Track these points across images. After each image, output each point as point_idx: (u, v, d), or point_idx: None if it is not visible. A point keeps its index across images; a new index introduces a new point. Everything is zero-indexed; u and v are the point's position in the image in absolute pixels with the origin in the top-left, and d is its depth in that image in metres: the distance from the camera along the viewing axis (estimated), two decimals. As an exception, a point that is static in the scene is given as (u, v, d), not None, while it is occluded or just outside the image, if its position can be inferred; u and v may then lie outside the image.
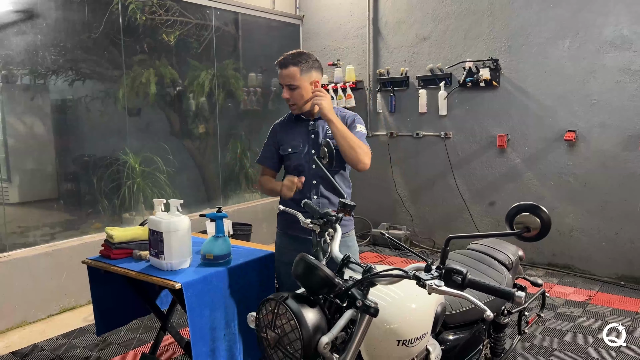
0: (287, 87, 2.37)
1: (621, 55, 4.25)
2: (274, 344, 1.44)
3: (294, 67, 2.34)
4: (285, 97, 2.40)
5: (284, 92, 2.39)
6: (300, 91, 2.36)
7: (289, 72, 2.34)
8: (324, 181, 2.43)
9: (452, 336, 2.01)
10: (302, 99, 2.39)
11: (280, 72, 2.38)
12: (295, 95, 2.37)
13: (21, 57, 3.85)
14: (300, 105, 2.40)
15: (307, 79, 2.36)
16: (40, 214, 4.09)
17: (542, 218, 1.37)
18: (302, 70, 2.35)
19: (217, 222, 2.44)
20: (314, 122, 2.47)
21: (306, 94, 2.38)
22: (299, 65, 2.34)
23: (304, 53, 2.41)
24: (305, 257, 1.48)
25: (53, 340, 3.47)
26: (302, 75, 2.35)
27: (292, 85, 2.35)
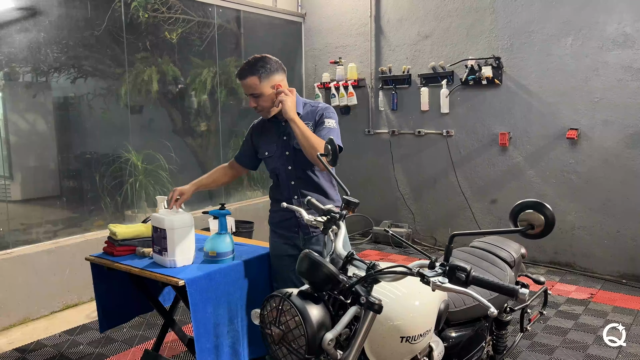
0: (251, 97, 2.38)
1: (624, 53, 4.25)
2: (278, 340, 1.44)
3: (252, 77, 2.32)
4: (253, 106, 2.40)
5: (250, 101, 2.40)
6: (264, 97, 2.36)
7: (248, 82, 2.34)
8: (303, 181, 2.45)
9: (455, 333, 2.02)
10: (268, 104, 2.39)
11: (241, 83, 2.38)
12: (260, 102, 2.37)
13: (24, 55, 3.86)
14: (267, 110, 2.42)
15: (268, 84, 2.35)
16: (42, 211, 4.09)
17: (546, 215, 1.36)
18: (261, 77, 2.33)
19: (220, 219, 2.45)
20: (285, 123, 2.43)
21: (271, 99, 2.37)
22: (257, 73, 2.32)
23: (262, 58, 2.36)
24: (309, 254, 1.48)
25: (56, 337, 3.49)
26: (262, 83, 2.33)
27: (255, 94, 2.36)
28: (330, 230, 1.83)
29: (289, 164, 2.45)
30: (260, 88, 2.33)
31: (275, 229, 2.58)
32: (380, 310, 1.41)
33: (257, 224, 5.01)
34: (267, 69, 2.34)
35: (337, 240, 1.74)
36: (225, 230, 2.45)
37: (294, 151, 2.43)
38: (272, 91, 2.36)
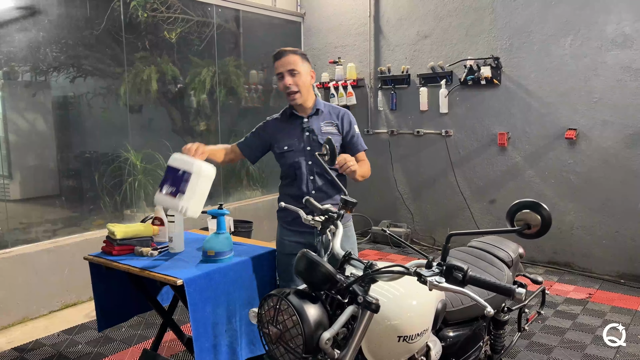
0: (288, 73, 2.40)
1: (623, 53, 4.25)
2: (275, 340, 1.45)
3: (294, 55, 2.41)
4: (288, 83, 2.40)
5: (286, 78, 2.40)
6: (301, 77, 2.41)
7: (290, 58, 2.40)
8: (321, 177, 2.48)
9: (452, 333, 2.02)
10: (303, 87, 2.42)
11: (279, 61, 2.42)
12: (297, 81, 2.40)
13: (23, 54, 3.86)
14: (301, 91, 2.43)
15: (306, 67, 2.44)
16: (42, 211, 4.10)
17: (543, 215, 1.37)
18: (302, 58, 2.43)
19: (219, 218, 2.45)
20: (307, 119, 2.50)
21: (306, 82, 2.43)
22: (298, 53, 2.43)
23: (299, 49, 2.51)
24: (307, 254, 1.49)
25: (55, 336, 3.49)
26: (302, 63, 2.42)
27: (294, 71, 2.40)
28: (328, 230, 1.84)
29: (310, 159, 2.47)
30: (300, 66, 2.41)
31: (288, 226, 2.54)
32: (377, 310, 1.42)
33: (256, 224, 5.01)
34: (305, 55, 2.47)
35: (335, 240, 1.75)
36: (223, 230, 2.45)
37: (317, 145, 2.45)
38: (308, 75, 2.45)
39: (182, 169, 2.18)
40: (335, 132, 2.51)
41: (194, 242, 2.70)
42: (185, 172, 2.17)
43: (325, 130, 2.48)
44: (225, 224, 2.46)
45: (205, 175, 2.21)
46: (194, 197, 2.17)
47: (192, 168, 2.17)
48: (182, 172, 2.18)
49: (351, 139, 2.54)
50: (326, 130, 2.48)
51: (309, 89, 2.49)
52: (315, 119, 2.50)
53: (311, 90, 2.52)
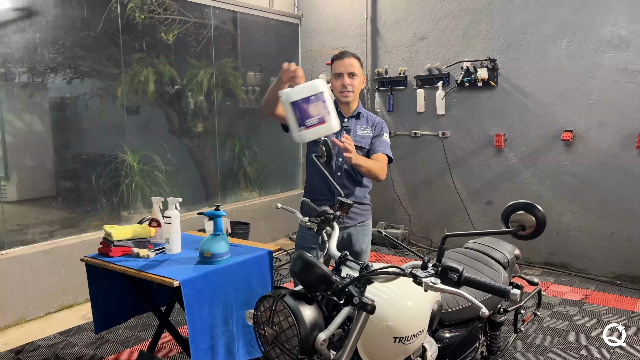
0: (348, 75, 2.60)
1: (619, 55, 4.27)
2: (271, 341, 1.45)
3: (355, 59, 2.63)
4: (347, 83, 2.59)
5: (345, 78, 2.59)
6: (358, 80, 2.62)
7: (352, 61, 2.61)
8: (347, 173, 2.62)
9: (448, 334, 2.03)
10: (357, 88, 2.63)
11: (341, 61, 2.61)
12: (354, 82, 2.61)
13: (20, 55, 3.86)
14: (355, 92, 2.63)
15: (361, 73, 2.66)
16: (38, 212, 4.09)
17: (537, 216, 1.38)
18: (360, 64, 2.65)
19: (216, 220, 2.45)
20: (347, 119, 2.67)
21: (359, 84, 2.65)
22: (358, 59, 2.65)
23: None
24: (302, 255, 1.49)
25: (51, 338, 3.48)
26: (360, 68, 2.65)
27: (353, 74, 2.60)
28: (324, 231, 1.84)
29: (340, 156, 2.59)
30: (359, 70, 2.63)
31: None
32: (373, 311, 1.42)
33: (253, 225, 5.01)
34: (361, 61, 2.68)
35: (331, 241, 1.75)
36: (220, 232, 2.45)
37: None
38: (362, 79, 2.66)
39: (311, 95, 2.14)
40: (369, 136, 2.68)
41: (190, 244, 2.70)
42: (315, 95, 2.14)
43: (360, 133, 2.65)
44: (222, 225, 2.46)
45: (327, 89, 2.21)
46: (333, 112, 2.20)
47: (319, 89, 2.15)
48: (314, 97, 2.14)
49: (375, 141, 2.67)
50: (361, 134, 2.65)
51: (359, 91, 2.68)
52: (354, 121, 2.67)
53: (358, 95, 2.69)
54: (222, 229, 2.47)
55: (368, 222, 2.75)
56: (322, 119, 2.15)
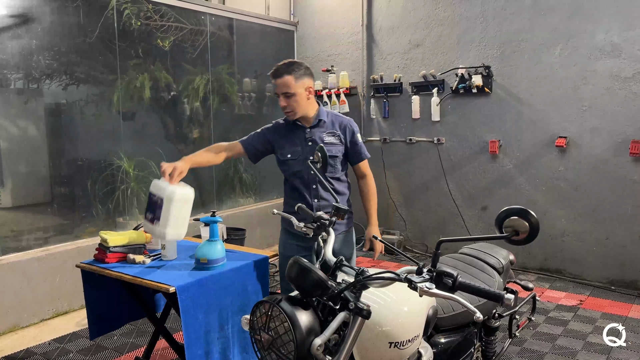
0: (283, 96, 2.46)
1: (612, 61, 4.31)
2: (267, 346, 1.46)
3: (288, 76, 2.43)
4: (283, 105, 2.47)
5: (281, 100, 2.47)
6: (296, 98, 2.46)
7: (284, 80, 2.43)
8: (322, 184, 2.52)
9: (443, 339, 2.04)
10: (299, 106, 2.48)
11: (275, 82, 2.46)
12: (291, 102, 2.46)
13: (15, 61, 3.86)
14: (297, 111, 2.49)
15: (301, 86, 2.46)
16: (33, 218, 4.08)
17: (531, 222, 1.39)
18: (296, 77, 2.44)
19: (212, 226, 2.46)
20: (310, 129, 2.57)
21: (301, 100, 2.47)
22: (293, 73, 2.43)
23: (296, 62, 2.50)
24: (299, 260, 1.50)
25: (46, 345, 3.46)
26: (296, 83, 2.44)
27: (287, 93, 2.44)
28: (319, 237, 1.85)
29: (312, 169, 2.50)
30: (294, 87, 2.44)
31: (291, 230, 2.55)
32: (368, 316, 1.43)
33: (249, 231, 5.01)
34: (300, 71, 2.47)
35: (327, 247, 1.76)
36: (216, 237, 2.45)
37: None
38: (304, 92, 2.48)
39: (157, 195, 2.24)
40: (337, 143, 2.58)
41: (186, 250, 2.70)
42: (160, 199, 2.22)
43: (327, 141, 2.54)
44: (218, 231, 2.47)
45: (179, 200, 2.24)
46: (170, 222, 2.21)
47: (164, 194, 2.21)
48: (157, 198, 2.23)
49: (353, 148, 2.61)
50: (328, 141, 2.55)
51: (307, 103, 2.52)
52: (317, 129, 2.57)
53: (311, 103, 2.56)
54: (218, 235, 2.47)
55: (350, 230, 2.72)
56: (152, 220, 2.24)
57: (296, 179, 2.59)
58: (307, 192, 2.56)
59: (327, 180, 2.54)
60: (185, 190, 2.29)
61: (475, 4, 4.95)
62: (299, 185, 2.59)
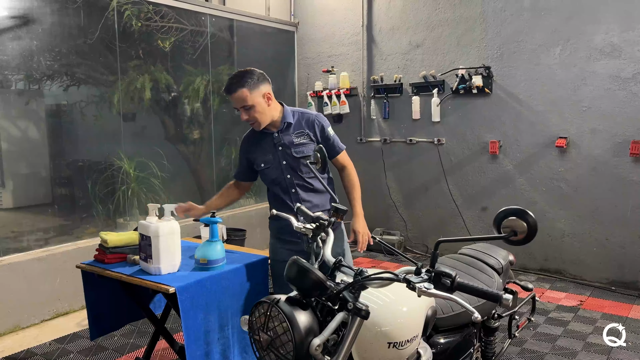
0: (242, 109, 2.43)
1: (611, 62, 4.31)
2: (266, 346, 1.46)
3: (242, 89, 2.38)
4: (245, 119, 2.45)
5: (242, 114, 2.45)
6: (255, 108, 2.42)
7: (239, 95, 2.39)
8: (302, 187, 2.53)
9: (443, 339, 2.04)
10: (261, 115, 2.45)
11: (230, 97, 2.44)
12: (252, 113, 2.43)
13: (16, 62, 3.87)
14: (260, 121, 2.47)
15: (257, 95, 2.41)
16: (34, 219, 4.09)
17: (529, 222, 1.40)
18: (250, 88, 2.39)
19: (212, 226, 2.46)
20: (277, 134, 2.53)
21: (262, 109, 2.44)
22: (246, 85, 2.39)
23: (247, 71, 2.44)
24: (297, 261, 1.50)
25: (46, 345, 3.47)
26: (252, 93, 2.39)
27: (246, 106, 2.41)
28: (318, 237, 1.85)
29: (287, 173, 2.52)
30: (251, 99, 2.39)
31: (279, 235, 2.59)
32: (367, 316, 1.43)
33: (249, 232, 5.01)
34: (254, 80, 2.40)
35: (326, 247, 1.77)
36: (216, 238, 2.46)
37: (292, 159, 2.50)
38: (262, 100, 2.41)
39: (144, 234, 2.34)
40: (308, 141, 2.53)
41: (186, 250, 2.70)
42: (146, 237, 2.32)
43: (297, 142, 2.50)
44: (217, 232, 2.47)
45: (165, 234, 2.32)
46: (162, 257, 2.31)
47: (150, 232, 2.30)
48: (145, 236, 2.33)
49: (327, 143, 2.54)
50: (298, 142, 2.51)
51: (269, 110, 2.47)
52: (285, 132, 2.53)
53: (273, 107, 2.49)
54: (218, 236, 2.48)
55: (339, 225, 2.60)
56: (145, 259, 2.34)
57: (275, 186, 2.58)
58: (287, 198, 2.54)
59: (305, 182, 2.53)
60: (169, 224, 2.36)
61: (475, 5, 4.96)
62: (278, 191, 2.58)
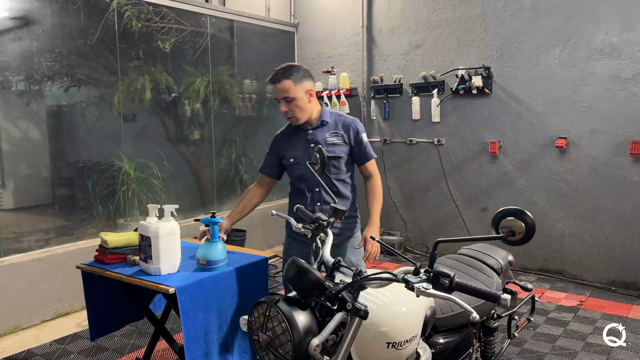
0: (283, 101, 2.42)
1: (611, 62, 4.31)
2: (265, 346, 1.46)
3: (287, 80, 2.39)
4: (284, 110, 2.44)
5: (281, 105, 2.44)
6: (296, 102, 2.42)
7: (283, 85, 2.40)
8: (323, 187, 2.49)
9: (442, 339, 2.04)
10: (300, 110, 2.44)
11: (274, 88, 2.44)
12: (292, 107, 2.43)
13: (17, 63, 3.87)
14: (299, 116, 2.46)
15: (301, 90, 2.42)
16: (34, 220, 4.09)
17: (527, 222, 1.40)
18: (295, 81, 2.40)
19: (212, 227, 2.47)
20: (312, 130, 2.54)
21: (303, 104, 2.44)
22: (291, 77, 2.40)
23: (294, 65, 2.46)
24: (296, 261, 1.50)
25: (47, 346, 3.48)
26: (296, 87, 2.40)
27: (287, 98, 2.41)
28: (317, 238, 1.86)
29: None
30: (294, 92, 2.40)
31: (295, 236, 2.58)
32: (366, 316, 1.43)
33: (250, 233, 5.02)
34: (299, 75, 2.43)
35: (325, 247, 1.77)
36: (216, 239, 2.46)
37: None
38: (304, 95, 2.43)
39: (144, 235, 2.34)
40: (341, 143, 2.53)
41: (186, 251, 2.71)
42: (146, 237, 2.32)
43: (330, 141, 2.50)
44: (218, 232, 2.48)
45: (165, 235, 2.32)
46: (162, 257, 2.32)
47: (150, 233, 2.31)
48: (145, 237, 2.34)
49: (359, 148, 2.55)
50: (331, 141, 2.51)
51: (309, 106, 2.48)
52: (320, 130, 2.53)
53: (313, 104, 2.51)
54: (218, 236, 2.48)
55: (356, 235, 2.67)
56: (145, 259, 2.35)
57: (301, 182, 2.59)
58: (310, 195, 2.56)
59: (330, 182, 2.52)
60: (169, 224, 2.36)
61: (475, 5, 4.96)
62: (303, 188, 2.59)
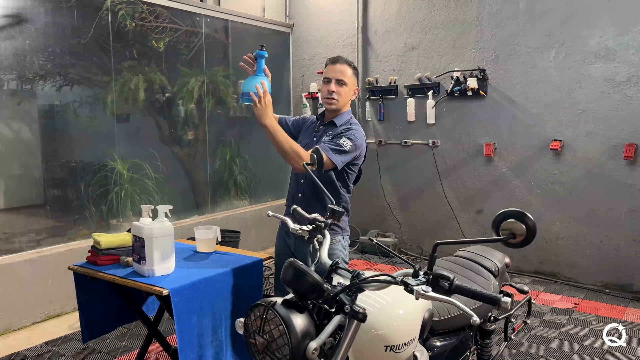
0: (335, 81, 2.46)
1: (606, 65, 4.33)
2: (262, 350, 1.44)
3: (348, 67, 2.48)
4: (332, 89, 2.45)
5: (331, 85, 2.45)
6: (345, 89, 2.47)
7: (343, 67, 2.46)
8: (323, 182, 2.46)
9: (439, 342, 2.03)
10: (342, 97, 2.48)
11: (333, 67, 2.47)
12: (341, 90, 2.46)
13: (9, 62, 3.83)
14: (338, 100, 2.48)
15: (353, 82, 2.51)
16: (26, 220, 4.04)
17: (528, 225, 1.39)
18: (354, 73, 2.50)
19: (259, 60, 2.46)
20: (322, 126, 2.58)
21: (347, 94, 2.49)
22: (353, 68, 2.50)
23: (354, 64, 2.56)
24: (294, 263, 1.48)
25: (37, 348, 3.43)
26: (351, 76, 2.48)
27: (342, 81, 2.46)
28: (315, 239, 1.84)
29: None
30: (348, 79, 2.47)
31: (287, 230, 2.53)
32: (364, 319, 1.41)
33: (244, 234, 4.99)
34: (357, 71, 2.54)
35: (322, 249, 1.75)
36: (261, 73, 2.45)
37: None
38: (351, 90, 2.50)
39: (137, 236, 2.32)
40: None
41: (180, 252, 2.68)
42: (140, 238, 2.30)
43: (324, 140, 2.49)
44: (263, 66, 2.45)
45: (158, 236, 2.29)
46: (155, 258, 2.29)
47: (144, 234, 2.28)
48: (138, 238, 2.31)
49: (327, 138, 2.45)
50: (325, 140, 2.49)
51: (348, 101, 2.53)
52: (327, 128, 2.56)
53: (349, 103, 2.56)
54: (262, 70, 2.45)
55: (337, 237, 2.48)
56: (139, 260, 2.32)
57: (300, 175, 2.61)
58: (295, 184, 2.60)
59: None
60: (163, 225, 2.33)
61: (471, 8, 4.97)
62: (293, 176, 2.65)
